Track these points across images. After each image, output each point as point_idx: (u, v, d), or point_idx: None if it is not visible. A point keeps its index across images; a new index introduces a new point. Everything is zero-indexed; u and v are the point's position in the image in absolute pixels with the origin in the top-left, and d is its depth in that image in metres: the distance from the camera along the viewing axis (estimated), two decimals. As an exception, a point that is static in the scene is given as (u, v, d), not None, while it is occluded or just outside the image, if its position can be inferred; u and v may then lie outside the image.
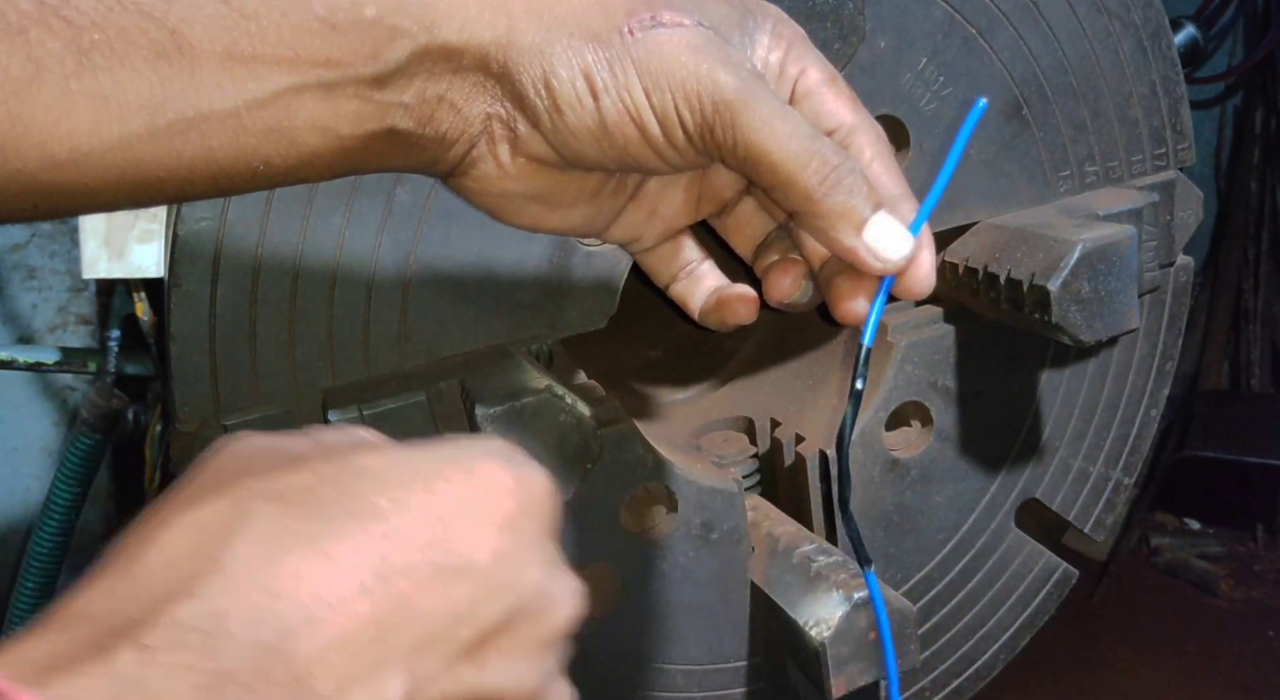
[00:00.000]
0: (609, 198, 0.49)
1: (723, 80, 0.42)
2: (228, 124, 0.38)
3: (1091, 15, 0.94)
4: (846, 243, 0.44)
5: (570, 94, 0.42)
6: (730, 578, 0.93)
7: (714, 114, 0.42)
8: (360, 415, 0.74)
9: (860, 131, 0.46)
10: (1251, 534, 2.33)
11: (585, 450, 0.75)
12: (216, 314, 0.74)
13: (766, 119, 0.42)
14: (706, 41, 0.42)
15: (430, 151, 0.44)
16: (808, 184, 0.43)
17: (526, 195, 0.47)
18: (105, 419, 1.11)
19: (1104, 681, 1.95)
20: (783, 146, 0.42)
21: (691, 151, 0.44)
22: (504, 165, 0.45)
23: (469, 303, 0.80)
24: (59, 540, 1.18)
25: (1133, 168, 1.00)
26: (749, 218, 0.52)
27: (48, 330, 1.72)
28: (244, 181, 0.41)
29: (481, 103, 0.43)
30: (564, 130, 0.43)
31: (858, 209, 0.43)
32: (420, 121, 0.43)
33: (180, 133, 0.38)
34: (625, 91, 0.42)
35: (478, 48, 0.42)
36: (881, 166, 0.46)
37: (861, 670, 0.83)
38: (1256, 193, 2.49)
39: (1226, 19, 2.38)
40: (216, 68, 0.37)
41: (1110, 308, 0.84)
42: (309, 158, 0.41)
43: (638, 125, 0.43)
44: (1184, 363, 2.22)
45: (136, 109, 0.36)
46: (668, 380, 1.22)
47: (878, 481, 0.97)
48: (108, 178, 0.37)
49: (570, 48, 0.42)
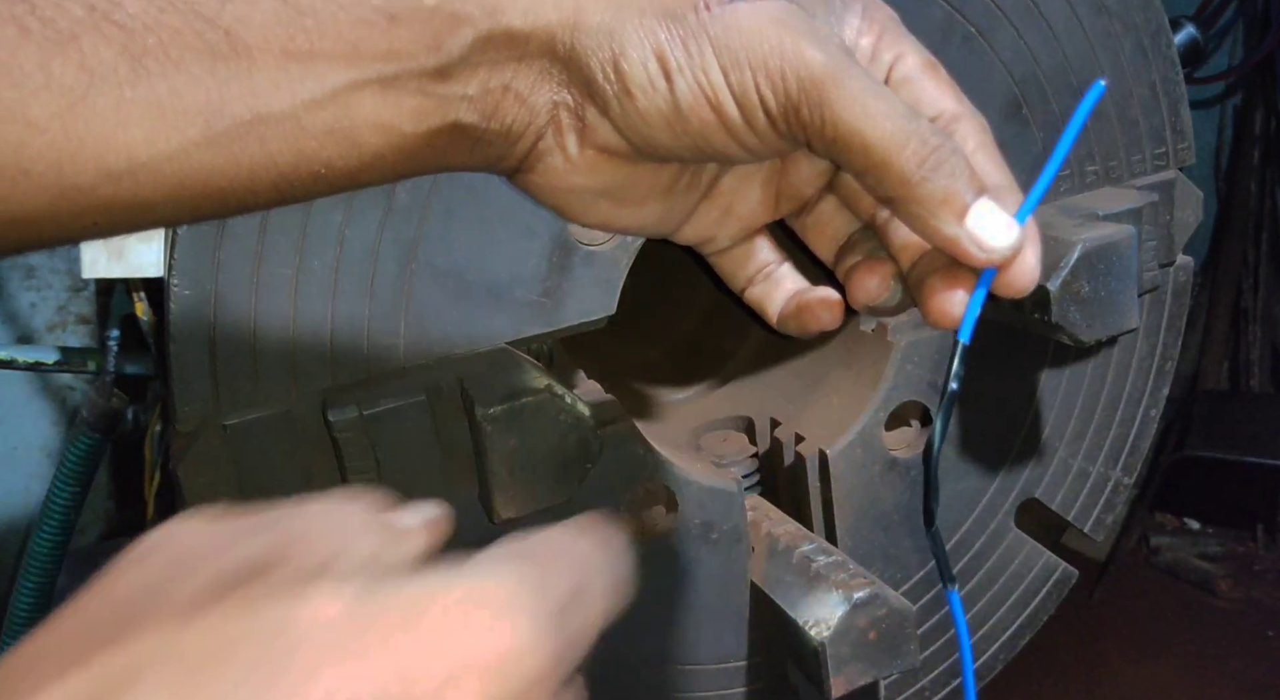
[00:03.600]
0: (682, 194, 0.46)
1: (809, 55, 0.38)
2: (286, 126, 0.37)
3: (1091, 15, 0.94)
4: (947, 231, 0.40)
5: (641, 76, 0.39)
6: (730, 578, 0.93)
7: (800, 92, 0.39)
8: (360, 415, 0.74)
9: (964, 120, 0.43)
10: (1251, 534, 2.33)
11: (585, 450, 0.75)
12: (216, 314, 0.74)
13: (858, 96, 0.38)
14: (790, 15, 0.39)
15: (496, 147, 0.42)
16: (905, 166, 0.39)
17: (596, 190, 0.44)
18: (105, 419, 1.11)
19: (1104, 681, 1.95)
20: (877, 126, 0.39)
21: (773, 135, 0.41)
22: (572, 158, 0.42)
23: (469, 302, 0.80)
24: (58, 540, 1.18)
25: (1133, 167, 1.00)
26: (831, 217, 0.48)
27: (47, 330, 1.72)
28: (306, 187, 0.39)
29: (547, 91, 0.41)
30: (635, 116, 0.40)
31: (960, 193, 0.39)
32: (485, 115, 0.40)
33: (238, 138, 0.36)
34: (701, 71, 0.39)
35: (544, 31, 0.39)
36: (986, 156, 0.42)
37: (861, 670, 0.83)
38: (1256, 193, 2.49)
39: (1226, 19, 2.38)
40: (273, 67, 0.36)
41: (1110, 308, 0.84)
42: (371, 159, 0.39)
43: (714, 107, 0.40)
44: (1184, 363, 2.21)
45: (193, 115, 0.35)
46: (668, 380, 1.22)
47: (878, 481, 0.97)
48: (167, 189, 0.36)
49: (641, 26, 0.39)
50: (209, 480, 0.74)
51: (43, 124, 0.33)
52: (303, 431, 0.76)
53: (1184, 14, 1.93)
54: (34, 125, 0.33)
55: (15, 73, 0.32)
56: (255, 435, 0.75)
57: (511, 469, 0.73)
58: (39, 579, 1.19)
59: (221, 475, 0.74)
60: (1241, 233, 2.50)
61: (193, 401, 0.75)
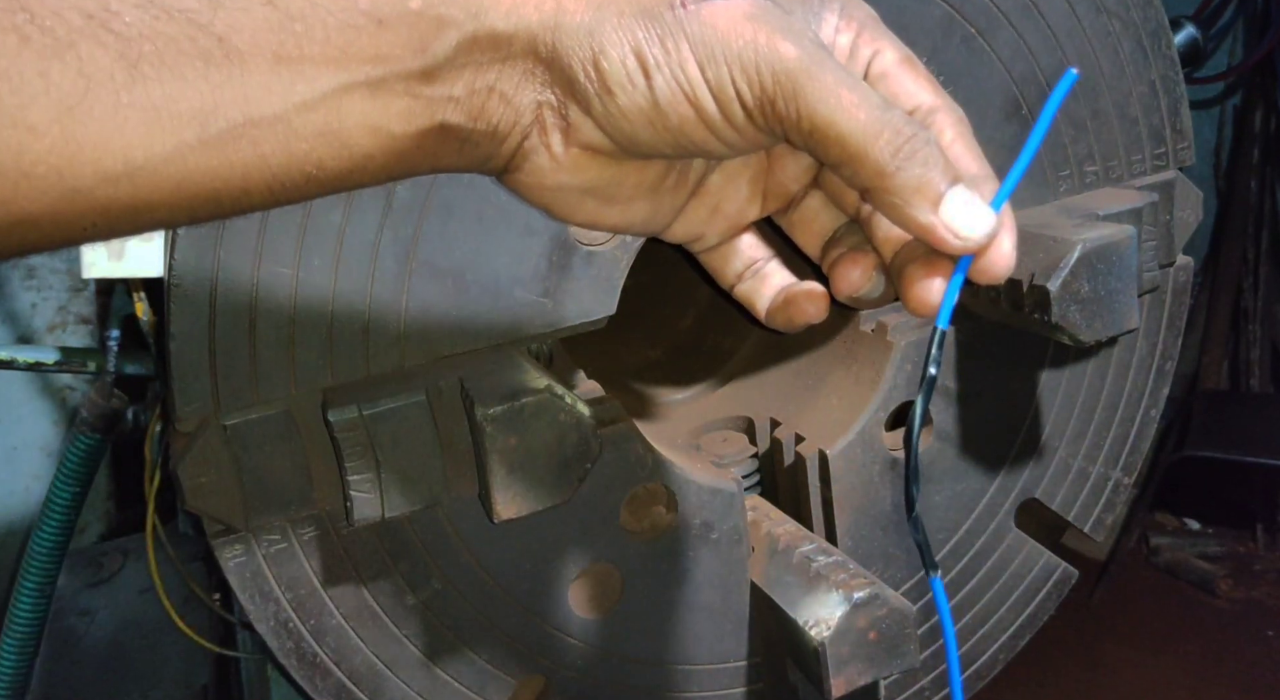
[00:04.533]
0: (669, 193, 0.47)
1: (783, 49, 0.39)
2: (278, 129, 0.38)
3: (1091, 14, 0.94)
4: (923, 219, 0.41)
5: (620, 74, 0.40)
6: (730, 578, 0.93)
7: (775, 86, 0.40)
8: (360, 415, 0.73)
9: (941, 112, 0.43)
10: (1251, 534, 2.34)
11: (585, 450, 0.75)
12: (216, 314, 0.74)
13: (832, 88, 0.39)
14: (764, 10, 0.40)
15: (484, 147, 0.43)
16: (879, 156, 0.40)
17: (582, 189, 0.45)
18: (105, 419, 1.11)
19: (1104, 681, 1.95)
20: (851, 117, 0.39)
21: (751, 129, 0.42)
22: (557, 156, 0.43)
23: (469, 302, 0.80)
24: (58, 540, 1.18)
25: (1132, 167, 1.00)
26: (816, 212, 0.50)
27: (47, 330, 1.72)
28: (299, 188, 0.40)
29: (531, 91, 0.42)
30: (616, 113, 0.41)
31: (934, 182, 0.40)
32: (471, 115, 0.41)
33: (232, 141, 0.37)
34: (678, 67, 0.40)
35: (526, 32, 0.40)
36: (964, 147, 0.43)
37: (861, 670, 0.83)
38: (1256, 192, 2.50)
39: (1226, 19, 2.38)
40: (265, 71, 0.37)
41: (1110, 308, 0.84)
42: (362, 160, 0.40)
43: (692, 103, 0.41)
44: (1184, 363, 2.22)
45: (188, 119, 0.36)
46: (668, 380, 1.22)
47: (877, 481, 0.97)
48: (163, 191, 0.37)
49: (620, 25, 0.40)
50: (209, 480, 0.74)
51: (42, 128, 0.34)
52: (303, 431, 0.76)
53: (1184, 14, 1.92)
54: (34, 130, 0.34)
55: (15, 79, 0.33)
56: (255, 435, 0.75)
57: (511, 469, 0.73)
58: (39, 579, 1.19)
59: (221, 475, 0.74)
60: (1241, 232, 2.50)
61: (193, 401, 0.75)
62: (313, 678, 0.82)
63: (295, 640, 0.81)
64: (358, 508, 0.74)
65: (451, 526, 0.83)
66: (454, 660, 0.86)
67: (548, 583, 0.87)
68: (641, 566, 0.90)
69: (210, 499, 0.74)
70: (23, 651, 1.21)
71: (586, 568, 0.88)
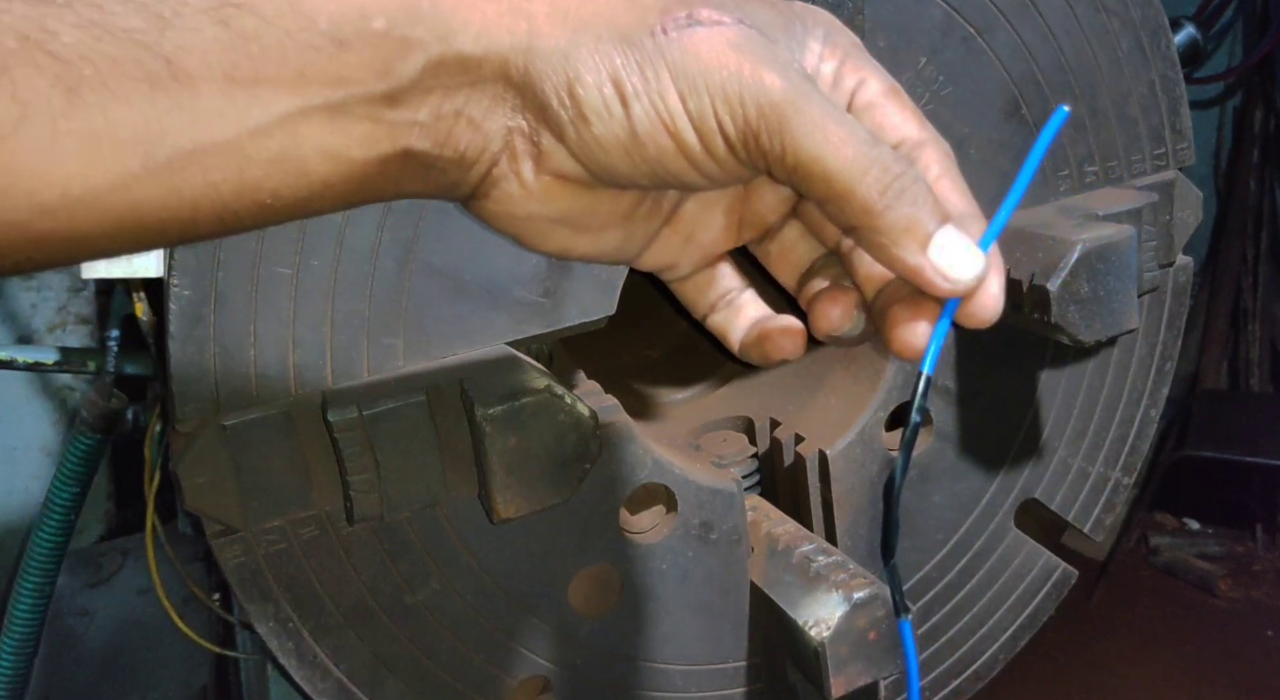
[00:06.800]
0: (642, 221, 0.46)
1: (769, 81, 0.38)
2: (230, 155, 0.36)
3: (1090, 14, 0.94)
4: (911, 261, 0.39)
5: (597, 101, 0.38)
6: (730, 578, 0.93)
7: (759, 119, 0.38)
8: (360, 415, 0.74)
9: (928, 146, 0.42)
10: (1251, 534, 2.33)
11: (584, 450, 0.75)
12: (216, 314, 0.74)
13: (819, 123, 0.38)
14: (749, 40, 0.39)
15: (450, 174, 0.41)
16: (867, 195, 0.38)
17: (553, 218, 0.43)
18: (104, 419, 1.11)
19: (1104, 681, 1.95)
20: (838, 153, 0.38)
21: (733, 162, 0.40)
22: (528, 184, 0.41)
23: (469, 302, 0.80)
24: (58, 540, 1.18)
25: (1132, 168, 1.00)
26: (794, 243, 0.48)
27: (47, 330, 1.72)
28: (252, 217, 0.38)
29: (501, 116, 0.40)
30: (591, 142, 0.39)
31: (923, 222, 0.39)
32: (437, 141, 0.39)
33: (180, 169, 0.35)
34: (658, 97, 0.38)
35: (497, 56, 0.38)
36: (950, 184, 0.42)
37: (861, 670, 0.83)
38: (1256, 193, 2.50)
39: (1226, 19, 2.38)
40: (216, 95, 0.35)
41: (1109, 308, 0.84)
42: (320, 188, 0.38)
43: (671, 134, 0.39)
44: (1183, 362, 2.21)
45: (132, 146, 0.34)
46: (668, 380, 1.22)
47: (877, 481, 0.97)
48: (105, 223, 0.35)
49: (597, 51, 0.38)
50: (209, 480, 0.74)
51: None
52: (303, 431, 0.76)
53: (1184, 14, 1.92)
54: None
55: None
56: (255, 435, 0.75)
57: (511, 469, 0.73)
58: (39, 579, 1.19)
59: (221, 475, 0.74)
60: (1241, 232, 2.50)
61: (193, 401, 0.75)
62: (312, 678, 0.82)
63: (295, 640, 0.81)
64: (358, 508, 0.74)
65: (451, 526, 0.83)
66: (453, 660, 0.86)
67: (547, 583, 0.87)
68: (641, 566, 0.90)
69: (209, 499, 0.74)
70: (22, 652, 1.21)
71: (586, 568, 0.88)
